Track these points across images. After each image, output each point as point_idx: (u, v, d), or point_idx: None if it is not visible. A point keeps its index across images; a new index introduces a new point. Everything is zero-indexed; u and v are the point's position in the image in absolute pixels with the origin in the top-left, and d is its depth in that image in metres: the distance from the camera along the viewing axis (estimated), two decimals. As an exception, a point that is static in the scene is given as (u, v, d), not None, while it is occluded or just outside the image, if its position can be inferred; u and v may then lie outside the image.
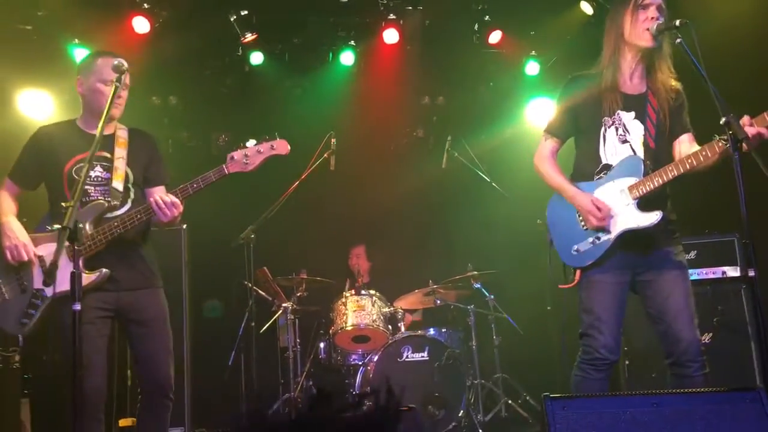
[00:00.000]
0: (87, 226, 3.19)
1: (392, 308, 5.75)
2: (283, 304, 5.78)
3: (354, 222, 6.87)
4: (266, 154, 3.27)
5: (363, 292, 5.71)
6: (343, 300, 5.68)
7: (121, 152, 3.38)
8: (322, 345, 5.82)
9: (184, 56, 6.08)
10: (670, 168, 3.04)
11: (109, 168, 3.35)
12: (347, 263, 6.61)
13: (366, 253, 6.62)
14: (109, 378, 3.38)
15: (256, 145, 3.27)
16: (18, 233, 3.25)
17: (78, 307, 2.57)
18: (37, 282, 3.22)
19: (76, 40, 5.73)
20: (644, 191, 3.08)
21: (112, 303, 3.31)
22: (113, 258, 3.27)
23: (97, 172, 3.34)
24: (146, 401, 3.41)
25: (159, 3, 5.55)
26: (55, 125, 3.52)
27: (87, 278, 3.15)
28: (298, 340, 5.75)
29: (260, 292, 5.81)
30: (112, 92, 3.03)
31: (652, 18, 3.09)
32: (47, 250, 3.25)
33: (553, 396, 2.34)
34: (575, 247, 3.19)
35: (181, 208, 3.23)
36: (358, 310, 5.59)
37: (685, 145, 3.25)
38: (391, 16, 5.89)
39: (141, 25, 5.51)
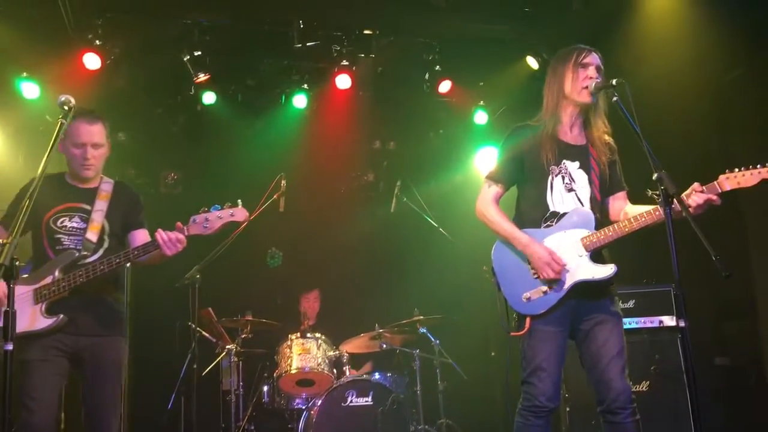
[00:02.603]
0: (56, 273, 3.38)
1: (338, 352, 5.71)
2: (227, 346, 5.69)
3: (302, 264, 6.84)
4: (225, 219, 3.38)
5: (308, 335, 5.66)
6: (288, 343, 5.62)
7: (101, 205, 3.57)
8: (265, 388, 5.73)
9: (135, 93, 6.06)
10: (623, 224, 3.14)
11: (86, 219, 3.52)
12: (296, 305, 6.55)
13: (320, 297, 6.56)
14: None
15: (217, 211, 3.38)
16: None
17: (9, 347, 2.53)
18: (2, 321, 3.27)
19: (25, 74, 5.67)
20: (598, 244, 3.16)
21: (71, 345, 3.40)
22: (77, 304, 3.39)
23: (74, 222, 3.52)
24: None
25: (111, 40, 5.53)
26: (47, 176, 3.51)
27: (45, 322, 3.32)
28: (241, 383, 5.65)
29: (204, 333, 5.71)
30: (57, 129, 3.00)
31: (591, 77, 3.24)
32: (19, 291, 3.31)
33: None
34: (526, 294, 3.20)
35: (185, 243, 3.36)
36: (303, 353, 5.54)
37: (620, 202, 3.38)
38: (344, 63, 6.00)
39: (92, 61, 5.47)
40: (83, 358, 3.43)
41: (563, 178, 3.27)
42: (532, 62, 6.01)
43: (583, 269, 3.18)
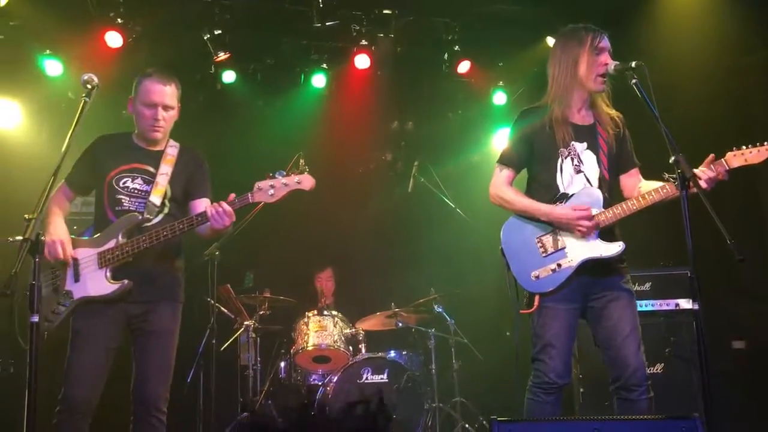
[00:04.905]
0: (119, 237, 3.28)
1: (354, 329, 5.78)
2: (245, 322, 5.77)
3: (319, 242, 6.89)
4: (291, 187, 3.28)
5: (325, 312, 5.73)
6: (306, 320, 5.70)
7: (166, 168, 3.45)
8: (282, 364, 5.82)
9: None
10: (632, 202, 3.16)
11: (150, 182, 3.42)
12: (312, 284, 6.62)
13: (333, 276, 6.63)
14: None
15: (282, 176, 3.27)
16: (58, 231, 3.29)
17: (35, 319, 2.56)
18: (69, 283, 3.28)
19: (48, 51, 5.73)
20: (606, 222, 3.19)
21: (122, 314, 3.32)
22: (138, 270, 3.31)
23: (137, 184, 3.42)
24: (134, 419, 3.35)
25: (132, 18, 5.57)
26: (113, 135, 3.60)
27: (110, 287, 3.25)
28: (258, 359, 5.74)
29: (222, 309, 5.79)
30: (80, 107, 3.04)
31: (605, 64, 3.23)
32: (84, 254, 3.31)
33: (500, 419, 2.41)
34: (534, 272, 3.25)
35: (234, 217, 3.27)
36: (320, 331, 5.61)
37: (634, 179, 3.39)
38: (364, 42, 5.99)
39: (114, 39, 5.51)
40: (134, 325, 3.35)
41: (572, 159, 3.29)
42: (552, 43, 5.96)
43: (591, 247, 3.20)
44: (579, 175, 3.29)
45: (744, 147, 3.06)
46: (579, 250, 3.21)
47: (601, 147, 3.31)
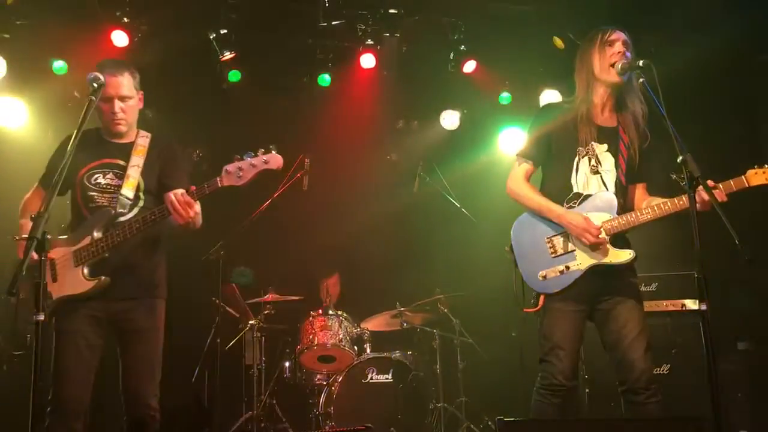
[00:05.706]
0: (95, 233, 3.24)
1: (359, 329, 5.77)
2: (250, 322, 5.77)
3: (324, 243, 6.88)
4: (259, 168, 3.15)
5: (330, 312, 5.72)
6: (310, 319, 5.69)
7: (137, 160, 3.39)
8: (287, 364, 5.82)
9: (162, 71, 6.10)
10: (646, 210, 3.15)
11: (121, 175, 3.36)
12: (317, 285, 6.60)
13: (340, 280, 6.61)
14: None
15: (250, 158, 3.16)
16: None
17: (41, 317, 2.55)
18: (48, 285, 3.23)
19: (54, 50, 5.73)
20: (619, 229, 3.18)
21: (103, 311, 3.28)
22: (115, 266, 3.27)
23: (108, 179, 3.37)
24: (126, 418, 3.32)
25: (138, 17, 5.58)
26: (81, 132, 3.47)
27: (87, 284, 3.21)
28: (263, 358, 5.74)
29: (227, 308, 5.80)
30: (86, 105, 3.03)
31: (618, 53, 3.22)
32: (60, 254, 3.27)
33: (506, 420, 2.40)
34: (542, 272, 3.24)
35: (197, 208, 3.18)
36: (325, 330, 5.60)
37: (641, 193, 3.38)
38: (369, 42, 5.99)
39: (120, 38, 5.53)
40: (118, 323, 3.31)
41: (589, 159, 3.27)
42: (559, 42, 5.95)
43: (602, 252, 3.18)
44: (595, 176, 3.28)
45: (766, 165, 3.02)
46: (588, 255, 3.20)
47: (621, 151, 3.29)
